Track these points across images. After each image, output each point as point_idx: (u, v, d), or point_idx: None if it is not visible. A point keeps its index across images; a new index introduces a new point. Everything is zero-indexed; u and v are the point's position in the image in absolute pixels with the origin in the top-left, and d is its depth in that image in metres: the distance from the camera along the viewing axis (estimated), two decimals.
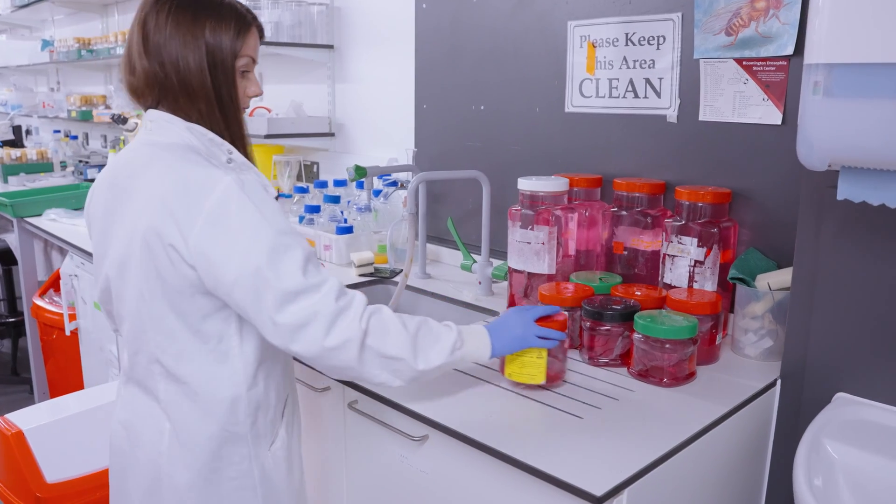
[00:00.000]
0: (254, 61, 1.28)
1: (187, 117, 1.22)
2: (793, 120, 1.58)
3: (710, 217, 1.64)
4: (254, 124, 2.93)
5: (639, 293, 1.61)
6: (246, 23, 1.25)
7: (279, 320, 1.12)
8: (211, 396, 1.24)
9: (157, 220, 1.15)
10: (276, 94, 3.36)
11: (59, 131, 5.02)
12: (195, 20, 1.20)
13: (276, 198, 1.21)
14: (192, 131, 1.22)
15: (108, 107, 4.40)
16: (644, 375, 1.45)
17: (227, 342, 1.23)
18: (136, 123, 3.57)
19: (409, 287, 2.16)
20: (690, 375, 1.46)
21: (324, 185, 2.74)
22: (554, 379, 1.41)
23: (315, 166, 3.18)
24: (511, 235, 1.81)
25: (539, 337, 1.34)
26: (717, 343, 1.56)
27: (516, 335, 1.33)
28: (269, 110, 3.16)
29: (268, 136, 2.88)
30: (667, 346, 1.42)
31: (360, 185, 2.62)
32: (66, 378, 3.31)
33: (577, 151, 2.00)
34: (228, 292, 1.15)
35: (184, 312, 1.20)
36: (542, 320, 1.36)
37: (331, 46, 2.95)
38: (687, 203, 1.66)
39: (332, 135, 3.04)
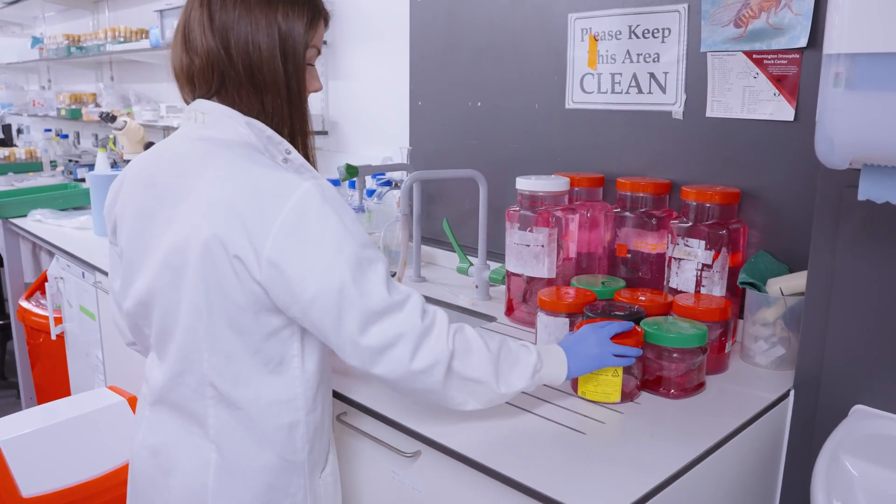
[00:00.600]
0: (319, 52, 1.19)
1: (247, 110, 1.12)
2: (805, 116, 1.50)
3: (718, 218, 1.56)
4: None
5: (643, 298, 1.53)
6: (318, 10, 1.16)
7: (363, 342, 1.04)
8: (269, 423, 1.14)
9: (222, 228, 1.03)
10: None
11: (50, 130, 4.93)
12: (268, 2, 1.10)
13: None
14: (252, 127, 1.11)
15: (98, 105, 4.31)
16: (650, 386, 1.37)
17: (288, 363, 1.13)
18: (126, 122, 3.50)
19: None
20: (699, 386, 1.38)
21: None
22: (629, 396, 1.33)
23: (338, 170, 3.10)
24: (509, 237, 1.73)
25: (616, 355, 1.27)
26: (726, 351, 1.48)
27: (592, 354, 1.26)
28: None
29: None
30: (674, 355, 1.33)
31: (353, 185, 2.53)
32: (54, 383, 3.22)
33: (579, 149, 1.92)
34: (305, 311, 1.05)
35: (245, 331, 1.09)
36: (617, 337, 1.30)
37: (324, 42, 2.87)
38: (694, 203, 1.58)
39: (326, 133, 2.95)
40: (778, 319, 1.48)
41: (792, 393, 1.40)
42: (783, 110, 1.53)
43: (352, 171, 1.91)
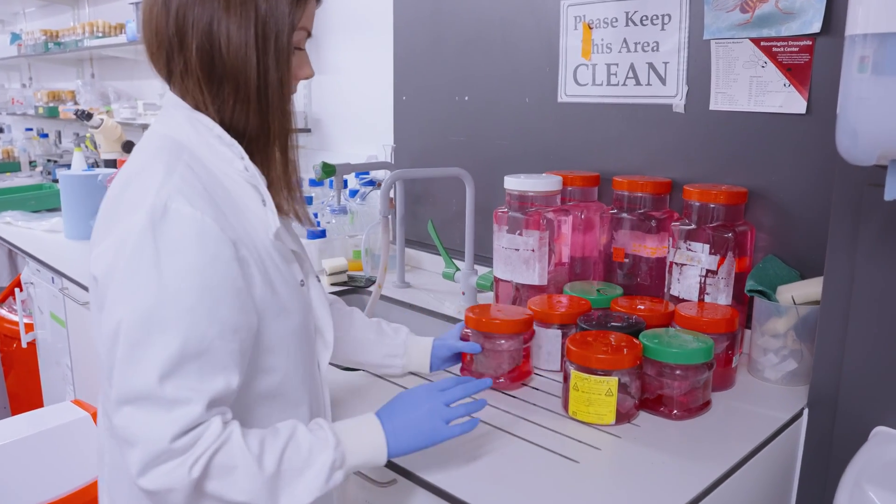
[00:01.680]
0: (309, 34, 0.99)
1: (198, 103, 0.94)
2: (819, 108, 1.38)
3: (723, 220, 1.43)
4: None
5: (642, 307, 1.41)
6: None
7: (112, 414, 0.85)
8: None
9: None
10: None
11: (31, 129, 4.79)
12: None
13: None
14: (194, 124, 0.93)
15: (76, 103, 4.17)
16: (650, 406, 1.24)
17: None
18: (102, 120, 3.37)
19: (384, 297, 1.95)
20: (704, 406, 1.25)
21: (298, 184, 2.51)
22: (626, 417, 1.21)
23: (313, 169, 2.97)
24: (497, 241, 1.60)
25: (455, 422, 1.02)
26: (733, 366, 1.35)
27: (423, 430, 0.99)
28: None
29: None
30: (677, 372, 1.21)
31: (321, 184, 2.40)
32: (28, 392, 3.08)
33: (572, 146, 1.79)
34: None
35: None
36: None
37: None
38: (697, 204, 1.45)
39: (309, 131, 2.83)
40: (789, 330, 1.36)
41: (806, 412, 1.28)
42: (794, 102, 1.41)
43: (328, 171, 1.78)
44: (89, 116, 3.34)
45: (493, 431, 1.17)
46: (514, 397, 1.30)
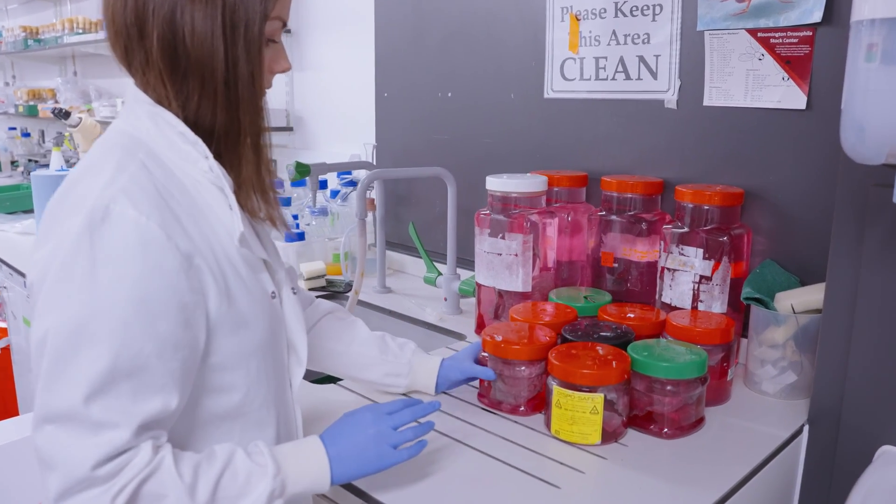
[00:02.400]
0: (284, 25, 0.91)
1: (160, 97, 0.86)
2: (820, 103, 1.29)
3: (718, 222, 1.34)
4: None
5: (632, 316, 1.32)
6: None
7: (34, 431, 0.77)
8: None
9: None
10: None
11: (14, 128, 4.69)
12: None
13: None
14: (156, 120, 0.86)
15: (56, 101, 4.08)
16: (639, 423, 1.15)
17: None
18: (80, 118, 3.27)
19: (363, 303, 1.86)
20: (698, 423, 1.16)
21: (279, 185, 2.43)
22: (613, 436, 1.12)
23: (272, 164, 2.88)
24: (478, 245, 1.51)
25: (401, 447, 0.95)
26: (728, 379, 1.26)
27: (369, 457, 0.92)
28: None
29: None
30: (668, 387, 1.12)
31: (303, 184, 2.31)
32: (2, 399, 2.99)
33: (559, 144, 1.70)
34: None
35: None
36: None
37: (288, 30, 2.65)
38: (690, 205, 1.36)
39: (291, 129, 2.74)
40: (788, 341, 1.27)
41: (806, 429, 1.19)
42: (793, 97, 1.32)
43: (302, 170, 1.68)
44: (67, 115, 3.25)
45: (466, 451, 1.08)
46: (491, 412, 1.21)
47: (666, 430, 1.13)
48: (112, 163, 0.82)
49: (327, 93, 2.54)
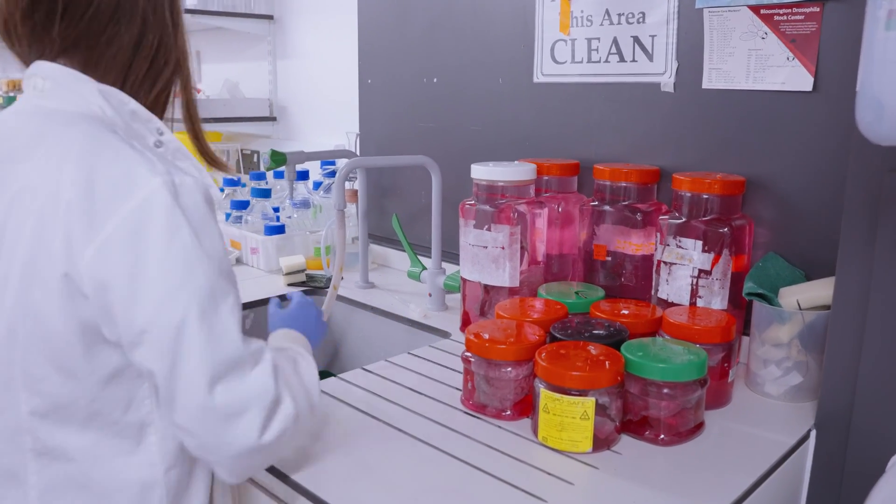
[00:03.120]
0: None
1: (102, 74, 0.85)
2: (827, 85, 1.21)
3: (718, 213, 1.26)
4: (177, 108, 2.52)
5: (626, 312, 1.23)
6: None
7: (209, 402, 0.76)
8: (112, 481, 0.84)
9: (49, 232, 0.76)
10: (210, 75, 2.96)
11: None
12: None
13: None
14: (108, 97, 0.83)
15: None
16: (633, 429, 1.07)
17: (138, 408, 0.83)
18: None
19: (344, 299, 1.77)
20: (697, 428, 1.07)
21: (262, 176, 2.33)
22: (605, 443, 1.03)
23: (255, 155, 2.79)
24: (463, 237, 1.42)
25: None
26: (729, 380, 1.18)
27: (317, 327, 1.20)
28: (199, 91, 2.76)
29: None
30: (665, 390, 1.03)
31: (281, 175, 2.22)
32: None
33: (549, 131, 1.61)
34: (133, 346, 0.77)
35: (75, 370, 0.80)
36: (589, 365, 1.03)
37: (270, 17, 2.55)
38: (688, 195, 1.28)
39: (274, 119, 2.65)
40: (794, 339, 1.18)
41: (813, 434, 1.10)
42: (799, 78, 1.23)
43: (278, 159, 1.59)
44: None
45: (444, 460, 0.99)
46: (474, 416, 1.12)
47: (662, 436, 1.04)
48: (113, 143, 0.79)
49: (311, 81, 2.45)
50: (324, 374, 1.84)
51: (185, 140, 0.94)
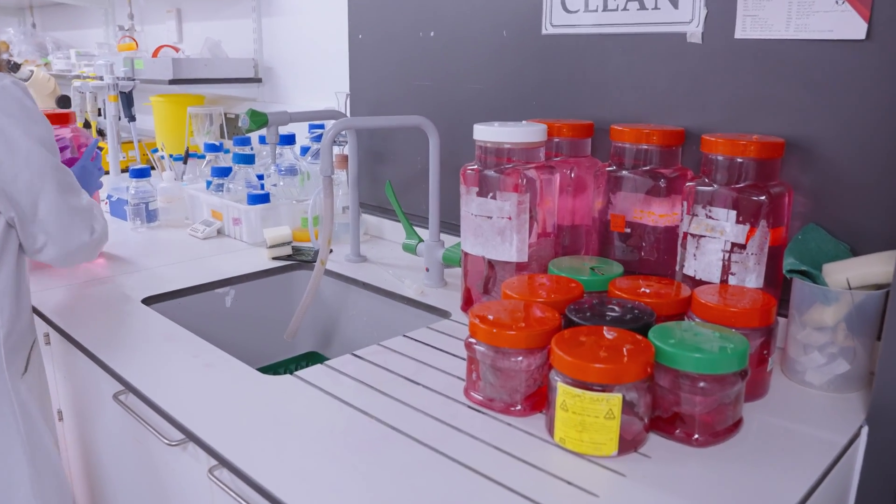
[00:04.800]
0: None
1: None
2: (883, 32, 1.06)
3: (754, 179, 1.11)
4: (156, 67, 2.36)
5: (648, 291, 1.09)
6: None
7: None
8: None
9: None
10: (191, 34, 2.79)
11: None
12: None
13: None
14: None
15: (10, 55, 3.77)
16: (662, 427, 0.93)
17: None
18: (32, 71, 3.01)
19: (333, 274, 1.62)
20: (734, 426, 0.94)
21: (247, 141, 2.17)
22: (632, 445, 0.89)
23: (240, 119, 2.62)
24: (465, 206, 1.27)
25: None
26: (768, 369, 1.04)
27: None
28: (178, 50, 2.58)
29: (173, 82, 2.32)
30: (701, 384, 0.89)
31: (263, 141, 2.05)
32: None
33: (560, 89, 1.45)
34: None
35: None
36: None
37: None
38: (720, 158, 1.13)
39: (259, 80, 2.48)
40: (840, 322, 1.04)
41: (865, 431, 0.97)
42: (850, 25, 1.08)
43: (258, 120, 1.44)
44: (17, 68, 2.97)
45: (444, 465, 0.85)
46: (479, 411, 0.98)
47: (697, 436, 0.91)
48: None
49: (299, 39, 2.28)
50: (312, 357, 1.72)
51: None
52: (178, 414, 0.97)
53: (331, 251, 1.70)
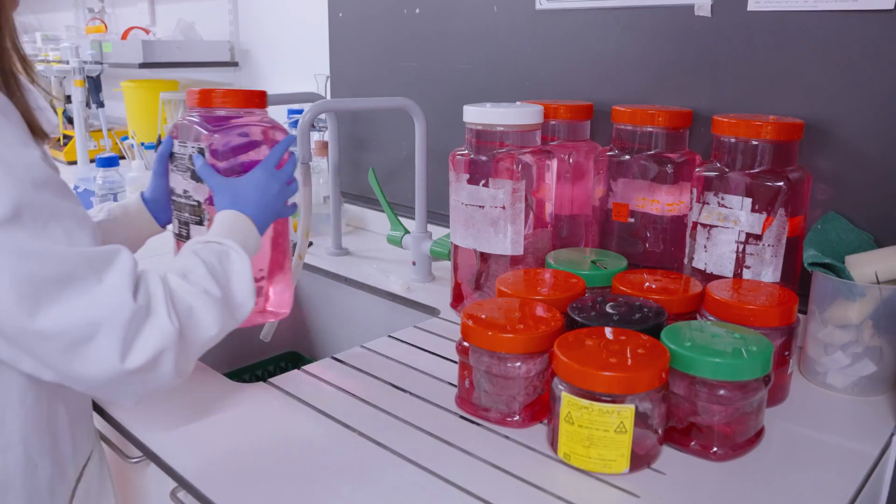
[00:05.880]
0: None
1: None
2: None
3: (770, 164, 1.02)
4: (125, 50, 2.24)
5: (654, 286, 1.00)
6: None
7: (36, 327, 0.61)
8: None
9: None
10: (163, 16, 2.66)
11: None
12: None
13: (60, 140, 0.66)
14: None
15: None
16: (677, 440, 0.84)
17: None
18: None
19: (312, 269, 1.52)
20: (756, 437, 0.85)
21: None
22: (644, 460, 0.80)
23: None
24: (454, 194, 1.17)
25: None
26: (788, 371, 0.95)
27: (272, 212, 0.94)
28: (148, 32, 2.46)
29: (144, 65, 2.19)
30: (721, 391, 0.80)
31: None
32: None
33: (555, 68, 1.35)
34: None
35: None
36: None
37: None
38: (733, 141, 1.04)
39: (236, 64, 2.36)
40: (866, 320, 0.95)
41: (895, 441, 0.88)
42: None
43: None
44: None
45: (433, 485, 0.75)
46: (473, 422, 0.89)
47: (715, 448, 0.82)
48: None
49: (277, 20, 2.16)
50: (291, 358, 1.62)
51: None
52: (136, 429, 0.86)
53: (310, 244, 1.60)
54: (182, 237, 0.99)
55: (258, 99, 0.99)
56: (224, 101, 0.97)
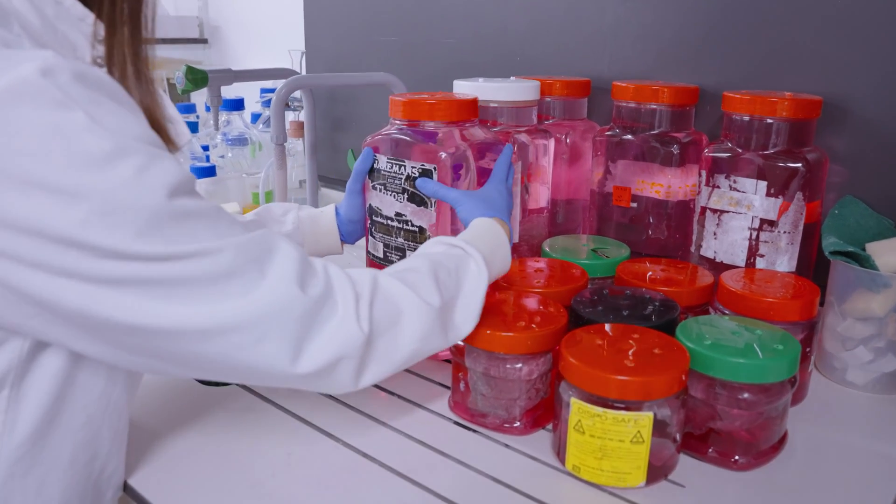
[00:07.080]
0: None
1: None
2: None
3: (786, 144, 0.94)
4: None
5: (659, 277, 0.92)
6: None
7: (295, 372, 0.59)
8: None
9: None
10: None
11: None
12: None
13: None
14: None
15: None
16: (694, 447, 0.76)
17: None
18: None
19: None
20: (779, 444, 0.77)
21: (191, 109, 1.94)
22: (661, 473, 0.72)
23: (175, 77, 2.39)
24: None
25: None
26: (808, 369, 0.88)
27: (510, 206, 0.89)
28: None
29: None
30: (744, 395, 0.72)
31: (232, 107, 1.83)
32: None
33: (548, 42, 1.27)
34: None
35: None
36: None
37: None
38: (746, 120, 0.96)
39: (205, 41, 2.25)
40: (891, 313, 0.88)
41: None
42: None
43: (196, 78, 1.23)
44: None
45: (427, 502, 0.67)
46: (469, 430, 0.81)
47: (737, 457, 0.74)
48: None
49: None
50: None
51: None
52: None
53: None
54: (389, 263, 0.91)
55: (472, 107, 0.93)
56: (443, 114, 0.90)
